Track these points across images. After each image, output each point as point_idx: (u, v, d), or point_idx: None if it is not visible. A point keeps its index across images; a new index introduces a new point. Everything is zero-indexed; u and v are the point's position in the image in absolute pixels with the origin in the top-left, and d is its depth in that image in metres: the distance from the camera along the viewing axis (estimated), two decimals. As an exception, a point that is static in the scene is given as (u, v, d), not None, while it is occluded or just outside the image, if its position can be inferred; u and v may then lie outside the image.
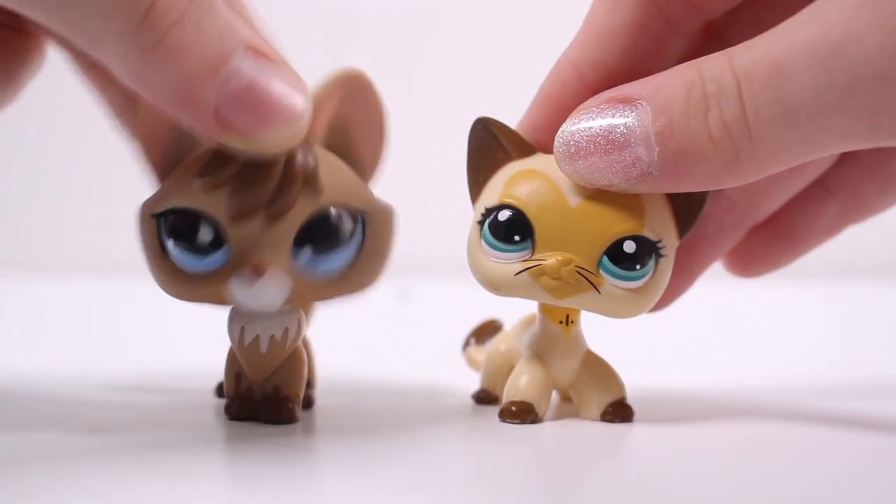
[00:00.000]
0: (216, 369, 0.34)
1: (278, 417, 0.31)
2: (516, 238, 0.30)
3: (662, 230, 0.31)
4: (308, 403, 0.34)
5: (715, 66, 0.28)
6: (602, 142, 0.29)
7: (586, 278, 0.30)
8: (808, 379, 0.42)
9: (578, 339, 0.33)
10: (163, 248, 0.29)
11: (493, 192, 0.32)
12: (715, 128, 0.27)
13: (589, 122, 0.29)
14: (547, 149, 0.32)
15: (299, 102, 0.27)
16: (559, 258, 0.30)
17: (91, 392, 0.37)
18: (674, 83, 0.28)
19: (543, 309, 0.32)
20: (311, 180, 0.28)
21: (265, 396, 0.31)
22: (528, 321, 0.35)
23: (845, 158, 0.36)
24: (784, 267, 0.38)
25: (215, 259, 0.29)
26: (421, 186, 0.81)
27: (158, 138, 0.30)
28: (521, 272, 0.30)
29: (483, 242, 0.31)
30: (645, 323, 0.33)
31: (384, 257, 0.30)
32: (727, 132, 0.27)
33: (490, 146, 0.32)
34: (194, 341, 0.49)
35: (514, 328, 0.36)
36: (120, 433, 0.30)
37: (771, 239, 0.37)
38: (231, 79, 0.26)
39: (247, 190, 0.28)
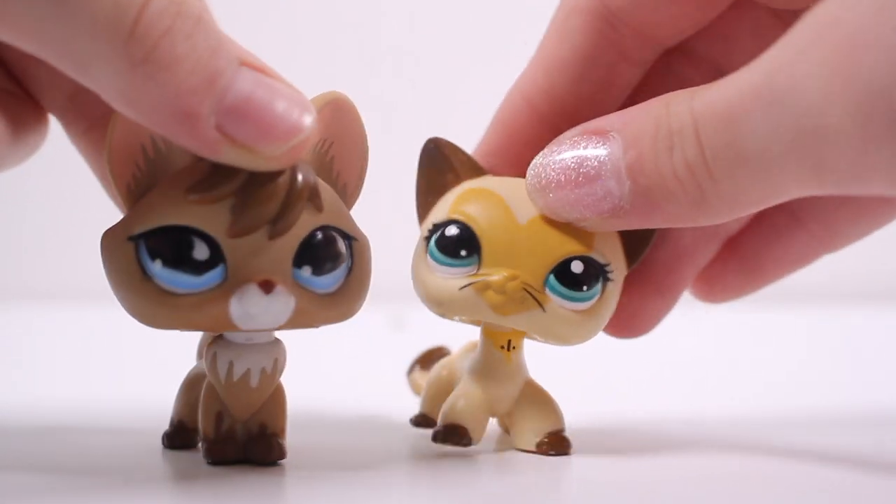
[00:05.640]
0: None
1: (270, 457, 0.30)
2: (462, 253, 0.30)
3: (611, 255, 0.31)
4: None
5: (680, 102, 0.27)
6: (573, 174, 0.29)
7: (532, 295, 0.30)
8: (758, 409, 0.41)
9: (519, 367, 0.32)
10: (144, 272, 0.27)
11: (442, 209, 0.31)
12: (679, 166, 0.27)
13: (561, 154, 0.29)
14: (501, 174, 0.32)
15: (304, 114, 0.26)
16: (505, 274, 0.29)
17: (58, 429, 0.36)
18: (644, 116, 0.28)
19: (486, 333, 0.32)
20: (313, 198, 0.28)
21: (251, 436, 0.30)
22: (471, 347, 0.34)
23: None
24: (751, 294, 0.37)
25: (211, 277, 0.27)
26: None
27: (130, 160, 0.28)
28: (465, 286, 0.30)
29: (429, 258, 0.31)
30: (600, 351, 0.33)
31: (368, 282, 0.30)
32: (691, 172, 0.27)
33: (441, 167, 0.32)
34: (155, 376, 0.47)
35: (457, 353, 0.35)
36: (84, 474, 0.29)
37: (738, 267, 0.36)
38: (229, 91, 0.25)
39: (251, 206, 0.27)
